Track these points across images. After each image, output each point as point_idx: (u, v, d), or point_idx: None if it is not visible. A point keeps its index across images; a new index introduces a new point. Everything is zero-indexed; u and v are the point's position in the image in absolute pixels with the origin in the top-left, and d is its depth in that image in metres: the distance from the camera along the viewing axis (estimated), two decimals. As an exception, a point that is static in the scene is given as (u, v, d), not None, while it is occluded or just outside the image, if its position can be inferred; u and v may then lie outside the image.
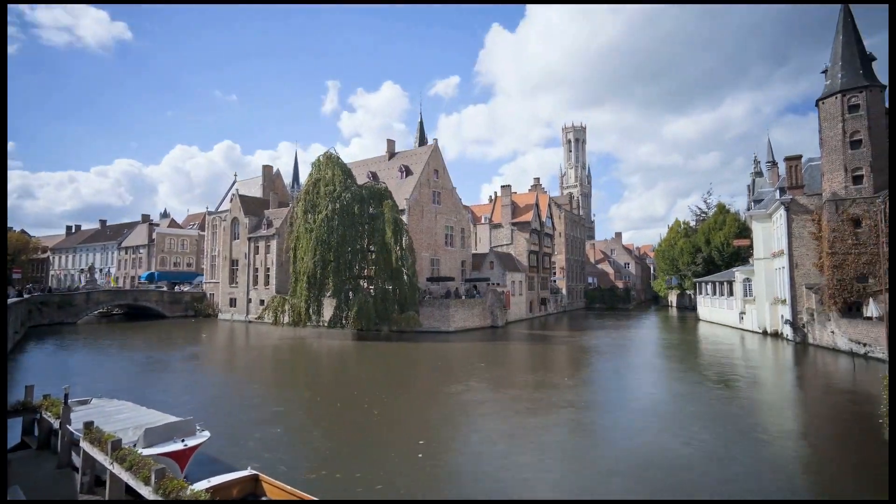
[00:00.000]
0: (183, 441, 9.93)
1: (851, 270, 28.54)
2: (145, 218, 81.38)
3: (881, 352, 24.46)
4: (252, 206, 56.81)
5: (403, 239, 36.74)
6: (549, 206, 64.78)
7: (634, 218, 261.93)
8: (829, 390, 19.51)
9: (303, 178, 78.63)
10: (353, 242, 36.16)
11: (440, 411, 16.01)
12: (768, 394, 19.28)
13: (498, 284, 48.38)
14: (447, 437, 13.37)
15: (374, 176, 47.89)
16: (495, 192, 64.95)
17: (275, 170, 66.52)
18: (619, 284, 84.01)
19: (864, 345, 26.16)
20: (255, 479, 8.84)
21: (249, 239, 54.23)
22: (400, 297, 36.50)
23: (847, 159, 29.29)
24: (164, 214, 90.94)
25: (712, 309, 49.10)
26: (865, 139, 28.87)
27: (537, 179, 70.41)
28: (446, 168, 48.92)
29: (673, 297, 77.72)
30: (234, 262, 56.44)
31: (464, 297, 42.66)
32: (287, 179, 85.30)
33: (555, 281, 66.51)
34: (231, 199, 59.57)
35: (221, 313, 56.70)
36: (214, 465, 10.81)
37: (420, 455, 11.78)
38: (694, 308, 60.39)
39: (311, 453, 12.15)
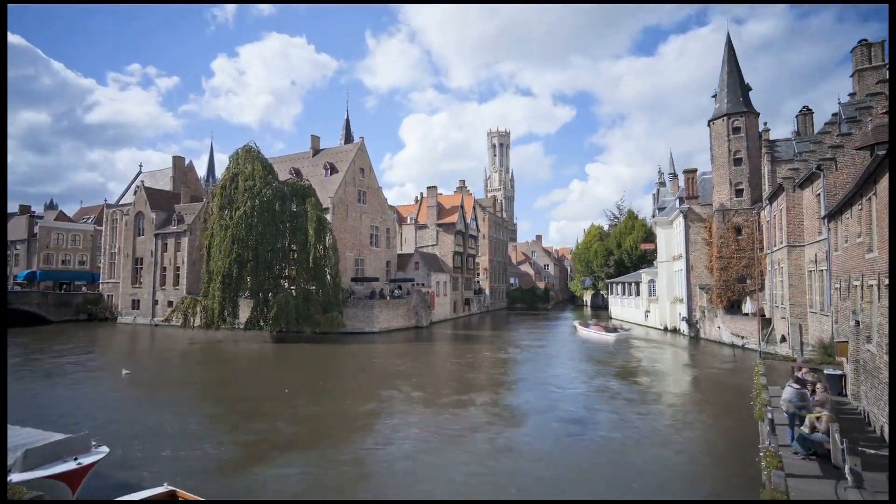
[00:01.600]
0: (76, 460, 8.87)
1: (734, 272, 32.31)
2: (24, 209, 71.71)
3: (754, 343, 27.96)
4: (160, 200, 52.38)
5: (327, 238, 35.87)
6: (474, 208, 66.39)
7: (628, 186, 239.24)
8: (713, 376, 21.99)
9: (219, 171, 73.84)
10: (274, 241, 34.70)
11: (355, 430, 14.66)
12: (666, 380, 21.30)
13: (423, 285, 48.73)
14: (358, 459, 12.61)
15: (297, 172, 46.23)
16: (421, 193, 65.43)
17: (187, 161, 61.85)
18: (540, 285, 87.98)
19: (742, 337, 29.75)
20: (171, 495, 8.27)
21: (157, 235, 49.98)
22: (323, 298, 35.57)
23: (731, 174, 33.10)
24: (51, 205, 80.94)
25: (622, 308, 53.08)
26: (745, 158, 32.81)
27: (463, 181, 71.87)
28: (372, 167, 48.44)
29: (588, 297, 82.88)
30: (137, 261, 51.70)
31: (388, 298, 42.49)
32: (201, 172, 79.65)
33: (478, 281, 68.24)
34: (135, 192, 54.48)
35: (122, 316, 51.66)
36: (119, 484, 9.91)
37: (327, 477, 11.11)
38: (606, 307, 64.87)
39: (223, 470, 11.49)
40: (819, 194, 20.44)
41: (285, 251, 35.83)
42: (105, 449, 9.57)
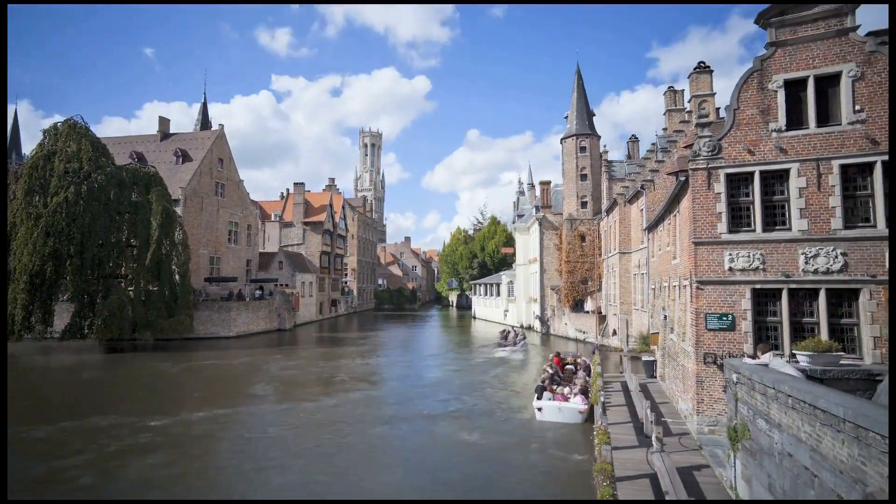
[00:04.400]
0: None
1: (579, 275, 36.65)
2: None
3: (592, 337, 32.12)
4: (-62, 178, 41.38)
5: (176, 233, 32.01)
6: (344, 207, 65.04)
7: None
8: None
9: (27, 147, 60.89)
10: (107, 234, 29.79)
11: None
12: (518, 375, 23.32)
13: (287, 285, 46.26)
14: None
15: (140, 157, 40.38)
16: (287, 189, 62.07)
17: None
18: (408, 286, 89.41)
19: (584, 332, 33.92)
20: None
21: (-69, 222, 39.38)
22: (168, 300, 31.61)
23: (578, 188, 37.54)
24: None
25: (485, 308, 56.56)
26: (589, 174, 37.48)
27: (332, 180, 69.97)
28: (233, 158, 44.53)
29: (454, 298, 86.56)
30: None
31: (248, 299, 39.44)
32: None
33: (346, 282, 66.99)
34: None
35: None
36: None
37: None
38: (470, 307, 68.49)
39: None
40: (642, 209, 24.30)
41: (121, 246, 31.01)
42: None
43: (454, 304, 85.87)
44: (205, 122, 66.51)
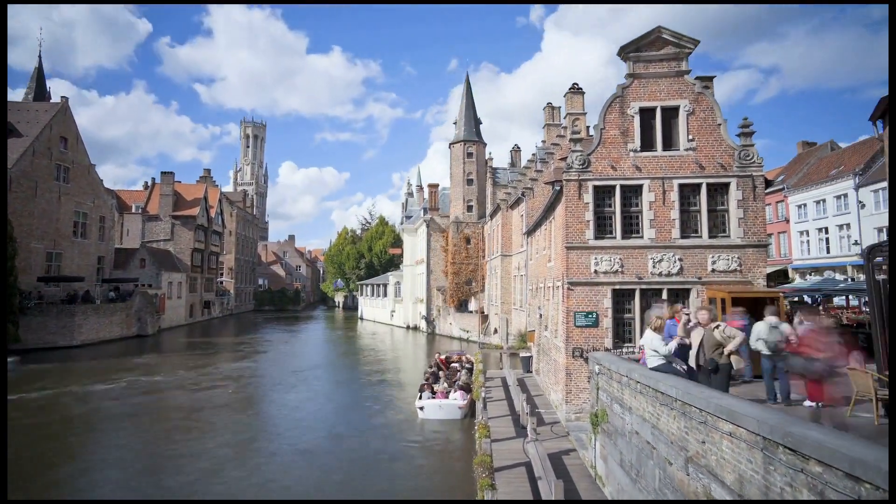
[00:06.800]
0: None
1: (464, 276, 38.11)
2: None
3: (475, 336, 33.65)
4: None
5: (-2, 223, 26.62)
6: (221, 201, 59.79)
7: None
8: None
9: None
10: None
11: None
12: (404, 374, 23.56)
13: (150, 286, 41.15)
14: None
15: (-53, 128, 32.82)
16: (153, 178, 55.26)
17: None
18: (291, 286, 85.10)
19: (467, 331, 35.36)
20: None
21: None
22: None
23: (465, 192, 39.04)
24: None
25: (372, 309, 56.00)
26: (475, 179, 39.19)
27: (208, 171, 63.97)
28: (81, 138, 38.33)
29: (340, 298, 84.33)
30: None
31: (99, 302, 34.31)
32: None
33: (222, 282, 61.67)
34: None
35: None
36: None
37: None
38: (357, 308, 67.32)
39: None
40: (523, 215, 26.08)
41: (-83, 238, 24.92)
42: None
43: (340, 306, 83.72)
44: (40, 91, 56.31)
